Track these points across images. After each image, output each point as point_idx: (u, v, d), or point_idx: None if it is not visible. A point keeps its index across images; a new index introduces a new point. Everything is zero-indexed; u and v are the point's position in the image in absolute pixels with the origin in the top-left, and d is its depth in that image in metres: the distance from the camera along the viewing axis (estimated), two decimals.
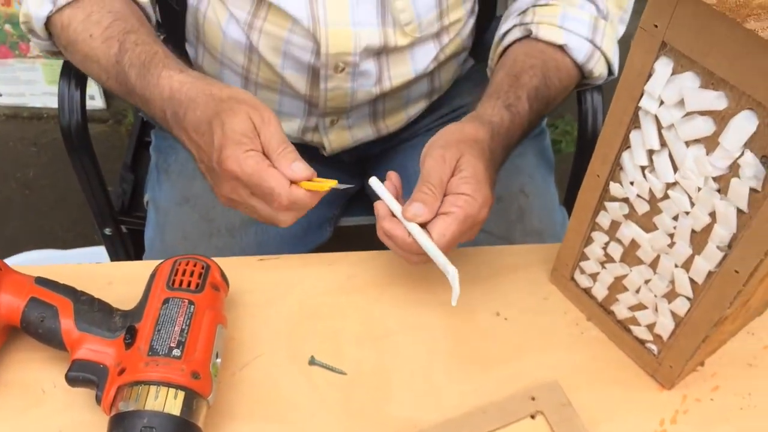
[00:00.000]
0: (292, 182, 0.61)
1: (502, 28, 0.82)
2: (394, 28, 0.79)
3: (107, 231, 1.06)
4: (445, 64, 0.89)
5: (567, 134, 1.97)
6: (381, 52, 0.81)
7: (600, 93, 0.94)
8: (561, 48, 0.78)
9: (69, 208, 1.71)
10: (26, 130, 1.93)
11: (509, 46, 0.81)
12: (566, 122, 2.00)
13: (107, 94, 1.99)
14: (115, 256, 1.10)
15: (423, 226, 0.62)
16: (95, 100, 1.98)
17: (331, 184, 0.63)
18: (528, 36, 0.79)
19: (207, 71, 0.89)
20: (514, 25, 0.80)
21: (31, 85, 1.96)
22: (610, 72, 0.83)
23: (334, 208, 1.04)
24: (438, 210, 0.62)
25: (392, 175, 0.67)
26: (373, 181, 0.67)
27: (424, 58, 0.85)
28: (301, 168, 0.61)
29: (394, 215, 0.64)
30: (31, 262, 1.37)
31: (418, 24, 0.80)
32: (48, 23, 0.75)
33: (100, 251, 1.31)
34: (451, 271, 0.61)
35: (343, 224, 1.09)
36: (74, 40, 0.73)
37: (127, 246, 1.10)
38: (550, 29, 0.78)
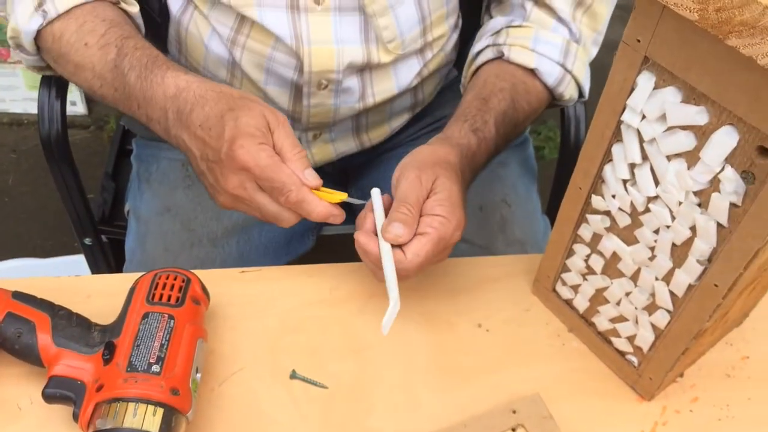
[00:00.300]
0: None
1: (476, 47, 0.82)
2: (377, 45, 0.79)
3: (87, 241, 1.05)
4: (428, 78, 0.89)
5: (550, 140, 1.98)
6: (364, 69, 0.81)
7: (582, 103, 0.94)
8: (532, 71, 0.78)
9: (49, 216, 1.69)
10: (6, 136, 1.91)
11: (482, 65, 0.81)
12: (549, 128, 2.01)
13: (89, 100, 1.97)
14: (95, 267, 1.09)
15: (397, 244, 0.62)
16: (77, 105, 1.96)
17: (342, 197, 0.64)
18: (501, 57, 0.79)
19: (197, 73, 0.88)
20: (487, 46, 0.80)
21: (11, 90, 1.93)
22: (581, 95, 0.83)
23: None
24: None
25: (387, 197, 0.67)
26: (375, 193, 0.67)
27: (407, 73, 0.85)
28: (313, 176, 0.62)
29: (374, 231, 0.64)
30: (8, 271, 1.36)
31: (401, 41, 0.80)
32: (38, 37, 0.73)
33: (80, 260, 1.29)
34: (393, 305, 0.60)
35: (326, 233, 1.09)
36: (66, 52, 0.72)
37: (108, 256, 1.09)
38: (522, 52, 0.78)
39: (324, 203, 0.63)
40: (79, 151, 1.89)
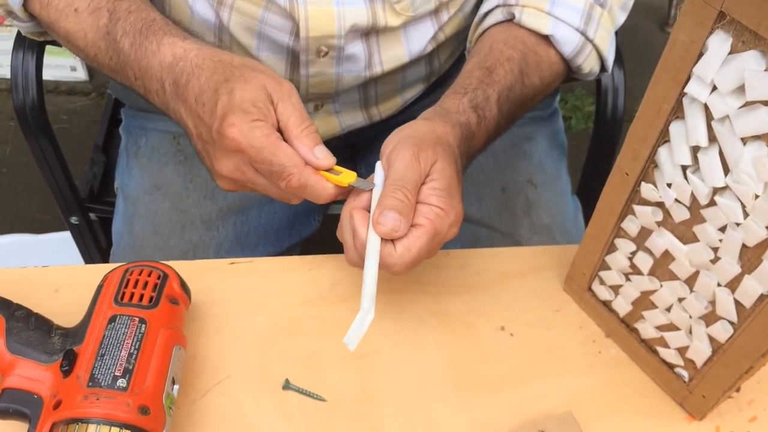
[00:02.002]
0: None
1: (484, 6, 0.72)
2: (383, 5, 0.69)
3: (73, 220, 0.97)
4: (445, 44, 0.79)
5: (577, 110, 1.86)
6: (370, 33, 0.71)
7: (621, 68, 0.83)
8: (546, 38, 0.67)
9: (47, 189, 1.62)
10: (4, 103, 1.83)
11: (489, 28, 0.70)
12: (576, 96, 1.89)
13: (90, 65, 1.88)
14: (83, 248, 1.01)
15: None
16: (77, 71, 1.88)
17: (351, 178, 0.55)
18: (511, 19, 0.68)
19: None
20: (497, 6, 0.70)
21: (6, 55, 1.84)
22: (603, 68, 0.73)
23: None
24: None
25: None
26: (379, 167, 0.57)
27: (420, 39, 0.74)
28: (325, 154, 0.55)
29: (369, 208, 0.55)
30: None
31: (411, 1, 0.70)
32: (27, 3, 0.67)
33: None
34: (365, 313, 0.51)
35: (333, 212, 1.00)
36: (56, 18, 0.65)
37: (98, 236, 1.01)
38: (537, 15, 0.67)
39: (331, 186, 0.55)
40: (79, 119, 1.81)
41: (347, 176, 0.55)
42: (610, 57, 0.72)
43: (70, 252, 1.08)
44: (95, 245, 1.01)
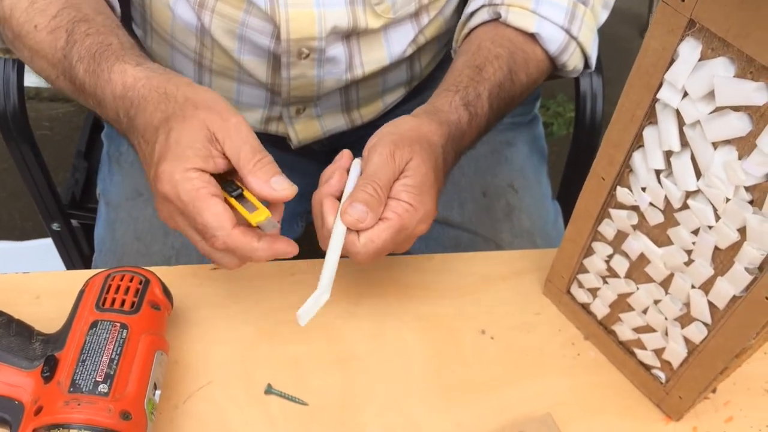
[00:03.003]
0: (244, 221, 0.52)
1: (470, 6, 0.72)
2: (364, 7, 0.69)
3: (55, 226, 0.96)
4: (425, 48, 0.80)
5: (559, 116, 1.88)
6: (350, 35, 0.71)
7: (600, 74, 0.85)
8: (532, 36, 0.68)
9: (29, 195, 1.60)
10: None
11: (475, 28, 0.71)
12: (558, 103, 1.90)
13: None
14: (65, 255, 1.01)
15: None
16: None
17: (260, 218, 0.52)
18: (497, 19, 0.69)
19: (156, 54, 0.79)
20: (483, 5, 0.70)
21: None
22: (587, 65, 0.74)
23: (305, 202, 0.94)
24: None
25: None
26: (356, 164, 0.58)
27: (400, 41, 0.75)
28: (283, 185, 0.52)
29: (340, 197, 0.56)
30: None
31: (391, 3, 0.70)
32: None
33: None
34: (321, 293, 0.52)
35: None
36: (18, 34, 0.61)
37: (80, 243, 1.00)
38: (522, 14, 0.68)
39: (260, 247, 0.52)
40: (61, 126, 1.80)
41: (260, 213, 0.51)
42: (593, 54, 0.72)
43: (51, 259, 1.07)
44: (77, 252, 1.00)
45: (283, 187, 0.51)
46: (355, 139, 0.92)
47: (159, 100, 0.53)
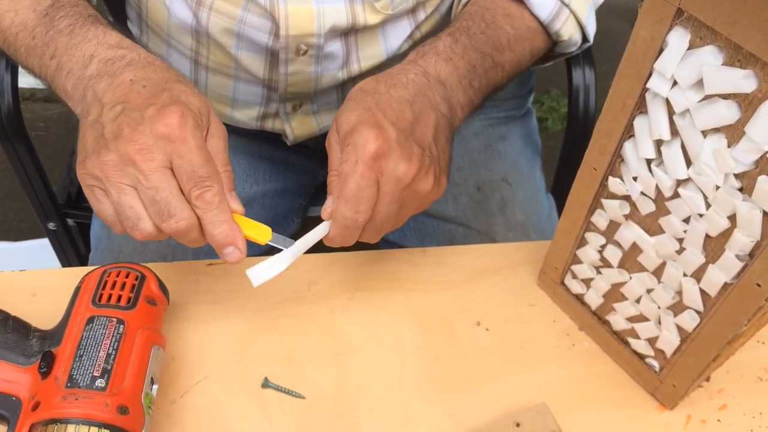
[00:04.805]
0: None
1: None
2: (363, 4, 0.69)
3: (51, 225, 0.96)
4: (420, 44, 0.80)
5: (553, 111, 1.88)
6: (349, 31, 0.71)
7: (592, 68, 0.85)
8: (519, 1, 0.66)
9: (25, 196, 1.60)
10: None
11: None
12: (552, 98, 1.91)
13: None
14: (62, 254, 1.01)
15: None
16: None
17: (265, 235, 0.54)
18: None
19: (152, 53, 0.79)
20: None
21: None
22: (585, 39, 0.72)
23: (300, 198, 0.95)
24: None
25: None
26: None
27: (397, 36, 0.75)
28: (237, 201, 0.53)
29: None
30: None
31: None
32: None
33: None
34: (279, 260, 0.53)
35: (313, 215, 1.01)
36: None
37: (77, 242, 1.00)
38: None
39: (236, 226, 0.51)
40: (56, 126, 1.80)
41: (262, 231, 0.53)
42: (590, 25, 0.70)
43: (48, 258, 1.07)
44: (73, 251, 1.00)
45: (237, 204, 0.53)
46: None
47: (166, 68, 0.54)
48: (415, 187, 0.53)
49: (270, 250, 0.56)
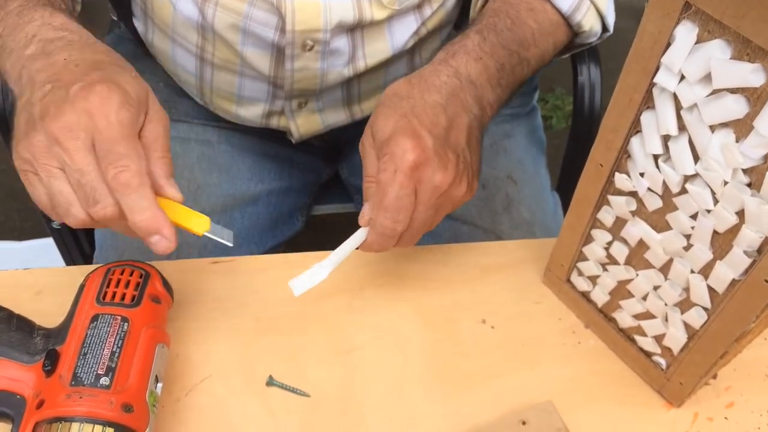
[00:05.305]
0: None
1: None
2: None
3: (55, 224, 0.96)
4: (426, 40, 0.79)
5: (558, 109, 1.88)
6: (355, 26, 0.71)
7: (598, 65, 0.85)
8: None
9: (27, 195, 1.60)
10: None
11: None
12: (557, 96, 1.90)
13: None
14: (66, 253, 1.00)
15: None
16: None
17: (203, 225, 0.51)
18: None
19: (158, 49, 0.79)
20: None
21: None
22: (605, 28, 0.71)
23: (304, 196, 0.95)
24: None
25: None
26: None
27: (403, 32, 0.75)
28: (176, 187, 0.50)
29: None
30: None
31: None
32: None
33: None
34: (320, 269, 0.54)
35: (317, 213, 1.00)
36: None
37: (80, 240, 1.00)
38: None
39: (160, 212, 0.47)
40: None
41: (201, 223, 0.50)
42: (609, 14, 0.70)
43: (52, 257, 1.07)
44: (78, 250, 1.00)
45: (176, 189, 0.50)
46: (354, 135, 0.92)
47: (108, 51, 0.51)
48: (450, 192, 0.53)
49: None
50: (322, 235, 1.02)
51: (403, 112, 0.53)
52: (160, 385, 0.52)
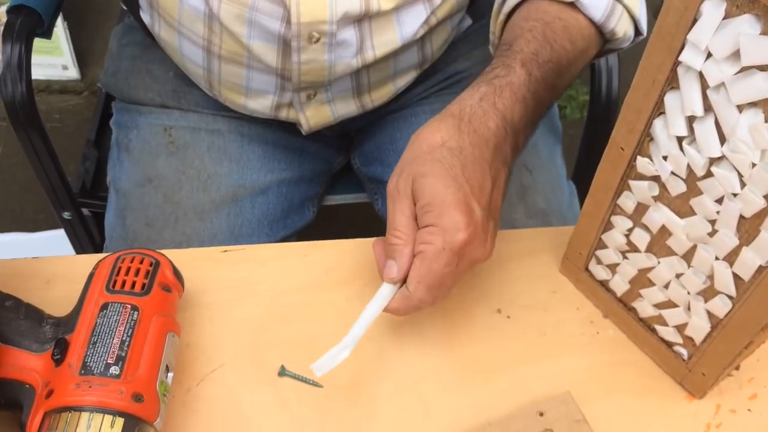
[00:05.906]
0: None
1: None
2: None
3: (66, 215, 0.96)
4: (436, 29, 0.78)
5: (572, 99, 1.85)
6: (362, 17, 0.70)
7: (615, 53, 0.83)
8: (572, 5, 0.63)
9: (41, 188, 1.61)
10: None
11: (511, 14, 0.66)
12: (571, 86, 1.88)
13: (81, 64, 1.87)
14: (77, 243, 1.00)
15: None
16: (69, 70, 1.86)
17: None
18: None
19: (165, 42, 0.78)
20: None
21: None
22: (638, 31, 0.69)
23: (316, 186, 0.94)
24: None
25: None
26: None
27: (412, 22, 0.73)
28: None
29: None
30: None
31: None
32: None
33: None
34: (341, 348, 0.52)
35: (328, 203, 0.99)
36: None
37: (90, 231, 1.00)
38: None
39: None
40: (71, 118, 1.80)
41: None
42: (642, 18, 0.67)
43: (64, 248, 1.07)
44: (88, 240, 1.00)
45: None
46: (365, 124, 0.91)
47: None
48: (479, 259, 0.54)
49: None
50: (334, 224, 1.00)
51: (454, 175, 0.51)
52: (170, 374, 0.51)
